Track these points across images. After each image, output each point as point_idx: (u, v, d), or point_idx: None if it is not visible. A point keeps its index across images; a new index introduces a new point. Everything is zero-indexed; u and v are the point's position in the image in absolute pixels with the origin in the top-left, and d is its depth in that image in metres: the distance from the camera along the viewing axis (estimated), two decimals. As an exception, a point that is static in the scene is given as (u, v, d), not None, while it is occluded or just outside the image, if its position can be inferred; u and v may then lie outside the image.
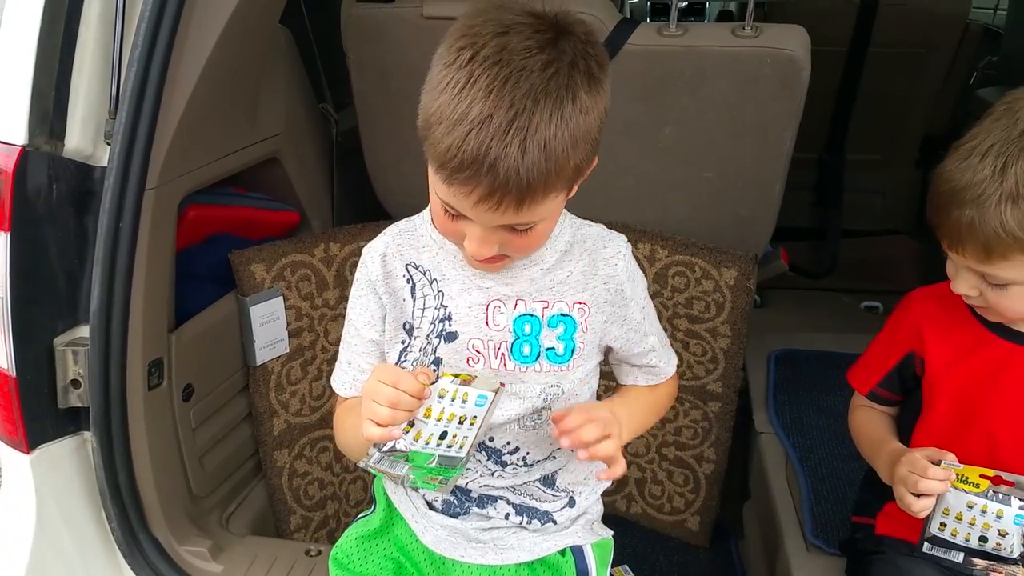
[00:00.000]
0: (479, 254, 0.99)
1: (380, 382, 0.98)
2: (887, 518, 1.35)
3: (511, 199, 0.90)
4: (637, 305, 1.15)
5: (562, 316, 1.10)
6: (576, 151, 0.92)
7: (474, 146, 0.87)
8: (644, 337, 1.17)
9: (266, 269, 1.72)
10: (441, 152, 0.90)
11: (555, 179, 0.92)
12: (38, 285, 1.34)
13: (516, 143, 0.87)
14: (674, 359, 1.24)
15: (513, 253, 1.04)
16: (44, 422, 1.38)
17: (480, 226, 0.97)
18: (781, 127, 1.74)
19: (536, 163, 0.88)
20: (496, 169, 0.88)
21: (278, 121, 1.77)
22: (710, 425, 1.98)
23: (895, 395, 1.38)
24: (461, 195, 0.92)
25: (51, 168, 1.31)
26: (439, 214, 1.01)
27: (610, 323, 1.13)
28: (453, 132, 0.88)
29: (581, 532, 1.21)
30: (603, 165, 1.83)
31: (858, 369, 1.41)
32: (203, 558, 1.51)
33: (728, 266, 1.87)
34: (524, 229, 0.98)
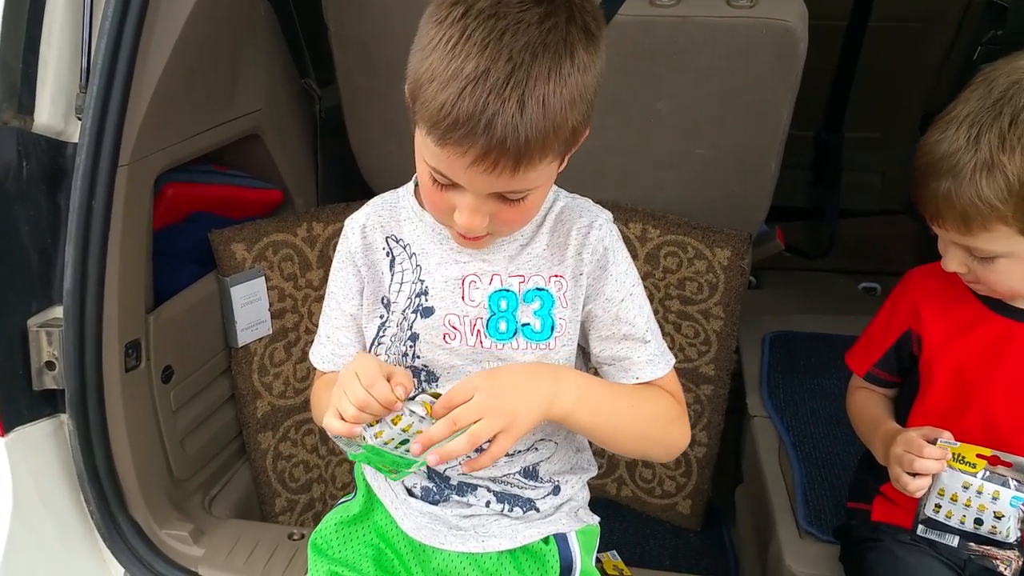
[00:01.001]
0: (470, 226, 0.95)
1: (356, 377, 0.95)
2: (884, 503, 1.32)
3: (508, 160, 0.86)
4: (616, 281, 1.07)
5: (538, 291, 1.06)
6: (574, 111, 0.89)
7: (470, 102, 0.84)
8: (616, 321, 1.07)
9: (247, 249, 1.68)
10: (434, 111, 0.86)
11: (553, 140, 0.88)
12: (9, 265, 1.31)
13: (514, 98, 0.84)
14: (662, 366, 1.09)
15: (501, 227, 0.99)
16: (19, 404, 1.35)
17: (472, 194, 0.93)
18: (777, 102, 1.70)
19: (535, 120, 0.85)
20: (493, 126, 0.84)
21: (258, 97, 1.72)
22: (702, 408, 1.95)
23: (893, 376, 1.35)
24: (455, 156, 0.88)
25: (20, 144, 1.28)
26: (427, 186, 0.97)
27: (587, 298, 1.08)
28: (447, 89, 0.85)
29: (565, 519, 1.18)
30: (592, 141, 1.79)
31: (856, 350, 1.39)
32: (184, 541, 1.49)
33: (721, 246, 1.83)
34: (516, 199, 0.94)
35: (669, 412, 1.10)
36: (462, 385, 0.96)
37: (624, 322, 1.08)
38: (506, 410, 0.95)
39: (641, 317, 1.09)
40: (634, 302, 1.08)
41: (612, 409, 1.05)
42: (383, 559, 1.20)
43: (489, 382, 0.96)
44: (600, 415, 1.04)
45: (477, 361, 1.07)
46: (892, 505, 1.30)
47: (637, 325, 1.08)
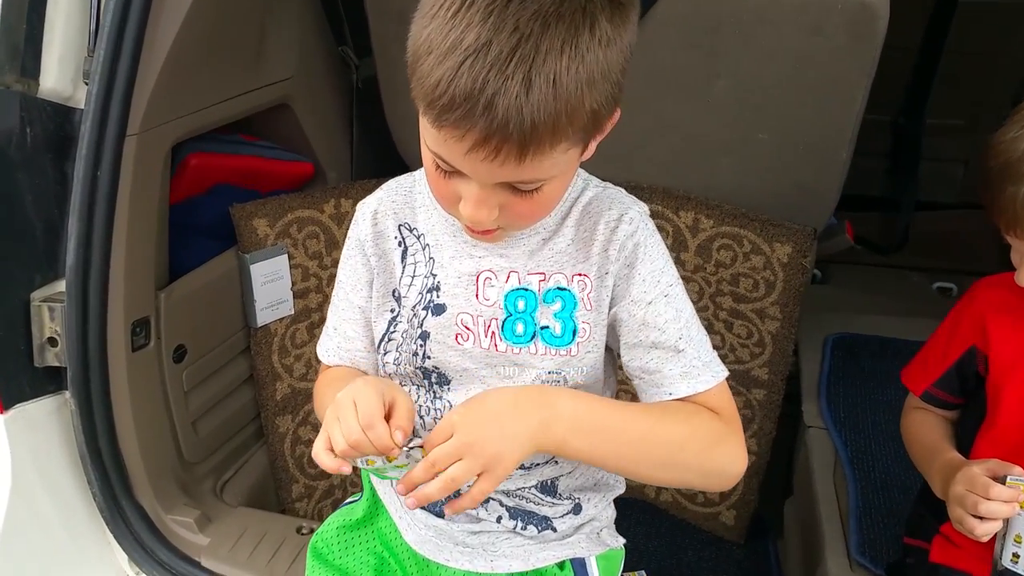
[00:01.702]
0: (476, 219, 0.84)
1: (354, 408, 0.85)
2: (944, 544, 1.18)
3: (512, 146, 0.75)
4: (643, 282, 0.94)
5: (559, 290, 0.95)
6: (593, 91, 0.76)
7: (468, 79, 0.72)
8: (643, 326, 0.94)
9: (269, 225, 1.60)
10: (429, 88, 0.75)
11: (566, 124, 0.76)
12: (12, 236, 1.25)
13: (519, 75, 0.72)
14: (704, 379, 0.94)
15: (513, 222, 0.88)
16: (20, 380, 1.30)
17: (477, 183, 0.82)
18: (851, 84, 1.54)
19: (543, 101, 0.73)
20: (494, 107, 0.72)
21: (288, 64, 1.63)
22: (752, 414, 1.81)
23: (954, 397, 1.22)
24: (452, 140, 0.77)
25: (24, 109, 1.22)
26: (431, 172, 0.87)
27: (613, 299, 0.95)
28: (444, 63, 0.74)
29: (585, 542, 1.07)
30: (643, 122, 1.70)
31: (913, 366, 1.25)
32: (190, 529, 1.43)
33: (782, 241, 1.69)
34: (529, 190, 0.83)
35: (708, 433, 0.93)
36: (441, 424, 0.86)
37: (652, 328, 0.94)
38: (486, 450, 0.83)
39: (675, 323, 0.94)
40: (668, 305, 0.94)
41: (619, 435, 0.90)
42: (385, 570, 1.12)
43: (467, 419, 0.85)
44: (603, 443, 0.90)
45: (491, 365, 0.97)
46: (954, 547, 1.16)
47: (668, 332, 0.94)
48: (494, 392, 0.90)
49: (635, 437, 0.91)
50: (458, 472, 0.83)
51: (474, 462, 0.83)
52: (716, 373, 0.95)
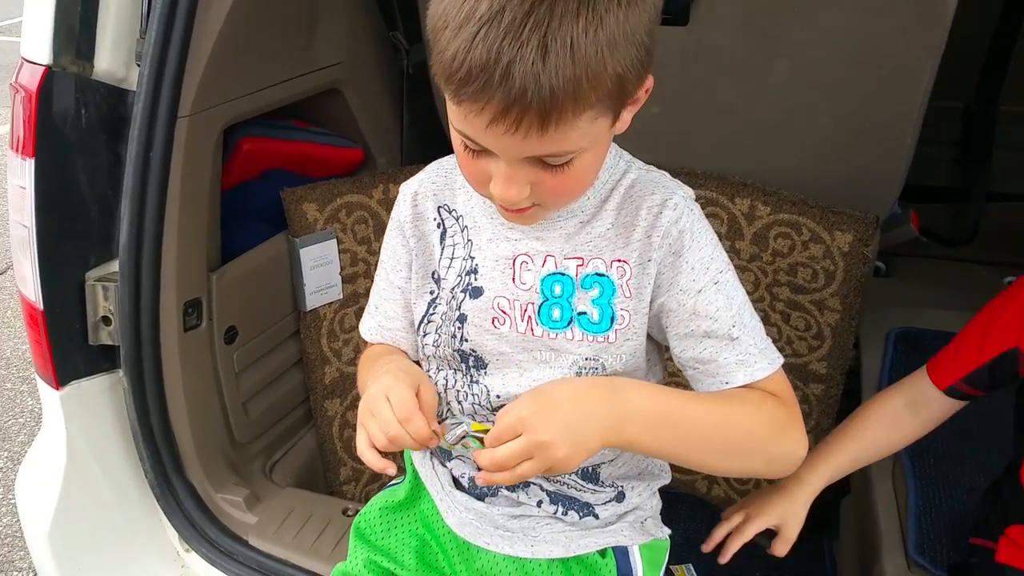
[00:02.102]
0: (507, 197, 0.82)
1: (387, 404, 0.86)
2: (1011, 544, 1.12)
3: (532, 116, 0.73)
4: (692, 270, 0.91)
5: (598, 276, 0.92)
6: (615, 55, 0.73)
7: (482, 49, 0.70)
8: (694, 316, 0.90)
9: (319, 209, 1.61)
10: (446, 62, 0.73)
11: (588, 90, 0.73)
12: (67, 216, 1.27)
13: (534, 41, 0.70)
14: (762, 367, 0.91)
15: (547, 199, 0.85)
16: (75, 358, 1.33)
17: (504, 160, 0.80)
18: (917, 66, 1.48)
19: (560, 67, 0.70)
20: (510, 76, 0.70)
21: (339, 49, 1.63)
22: (810, 409, 1.76)
23: (978, 391, 1.17)
24: (472, 115, 0.75)
25: (79, 91, 1.24)
26: (459, 152, 0.85)
27: (659, 288, 0.92)
28: (459, 35, 0.72)
29: (628, 531, 1.04)
30: (698, 104, 1.66)
31: (942, 360, 1.20)
32: (238, 507, 1.45)
33: (843, 229, 1.63)
34: (559, 164, 0.80)
35: (773, 420, 0.91)
36: (510, 419, 0.83)
37: (704, 317, 0.91)
38: (557, 454, 0.81)
39: (727, 310, 0.91)
40: (720, 292, 0.91)
41: (690, 429, 0.88)
42: (426, 552, 1.11)
43: (539, 418, 0.82)
44: (674, 438, 0.88)
45: (528, 350, 0.95)
46: (1020, 548, 1.10)
47: (720, 320, 0.91)
48: (565, 388, 0.86)
49: (706, 429, 0.89)
50: (524, 470, 0.82)
51: (542, 464, 0.82)
52: (772, 360, 0.92)
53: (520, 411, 0.83)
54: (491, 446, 0.83)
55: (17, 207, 1.25)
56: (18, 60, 1.25)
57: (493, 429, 0.83)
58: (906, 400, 1.24)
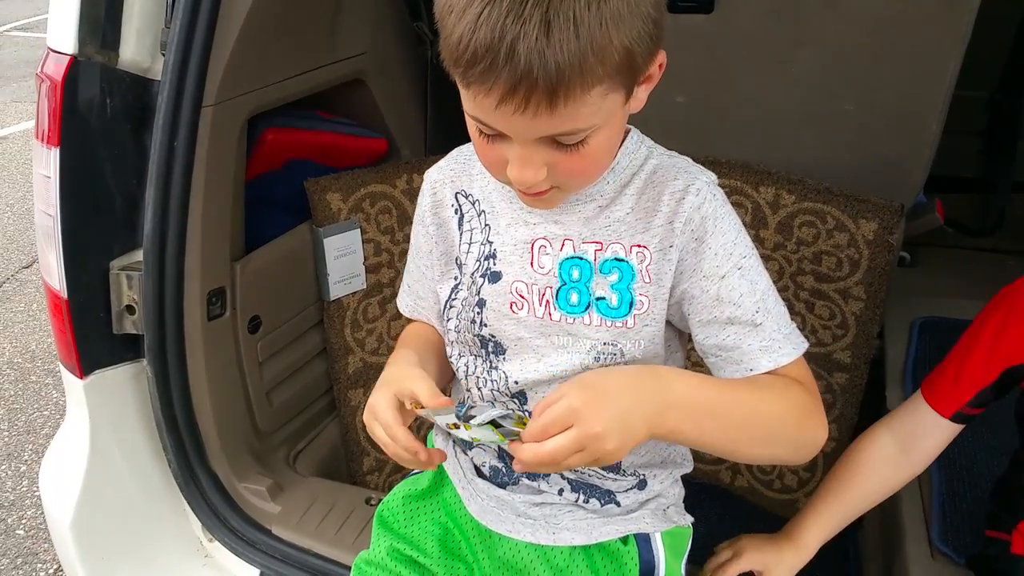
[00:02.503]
0: (524, 180, 0.82)
1: (377, 425, 0.90)
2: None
3: (540, 94, 0.73)
4: (715, 256, 0.90)
5: (617, 261, 0.91)
6: (620, 28, 0.73)
7: (486, 29, 0.71)
8: (718, 302, 0.90)
9: (343, 199, 1.61)
10: (452, 46, 0.74)
11: (594, 64, 0.73)
12: (92, 205, 1.28)
13: (536, 17, 0.70)
14: (787, 352, 0.90)
15: (565, 180, 0.85)
16: (99, 347, 1.34)
17: (518, 142, 0.80)
18: (943, 54, 1.47)
19: (564, 41, 0.70)
20: (515, 54, 0.70)
21: (363, 39, 1.64)
22: (833, 399, 1.74)
23: (981, 409, 1.14)
24: (481, 96, 0.75)
25: (104, 80, 1.24)
26: (475, 139, 0.85)
27: (681, 275, 0.91)
28: (463, 18, 0.72)
29: (650, 518, 1.04)
30: (721, 93, 1.65)
31: (941, 385, 1.15)
32: (262, 497, 1.45)
33: (867, 217, 1.61)
34: (573, 144, 0.80)
35: (800, 407, 0.90)
36: (560, 410, 0.80)
37: (728, 303, 0.90)
38: (606, 446, 0.80)
39: (751, 296, 0.90)
40: (743, 277, 0.90)
41: (727, 417, 0.88)
42: (449, 540, 1.11)
43: (591, 409, 0.80)
44: (713, 427, 0.87)
45: (546, 335, 0.95)
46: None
47: (744, 306, 0.89)
48: (613, 378, 0.84)
49: (741, 417, 0.89)
50: (573, 462, 0.80)
51: (591, 456, 0.80)
52: (797, 345, 0.92)
53: (571, 402, 0.80)
54: (538, 438, 0.80)
55: (42, 196, 1.26)
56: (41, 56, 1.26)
57: (540, 421, 0.80)
58: (896, 439, 1.20)
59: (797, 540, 1.24)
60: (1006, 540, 1.14)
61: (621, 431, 0.80)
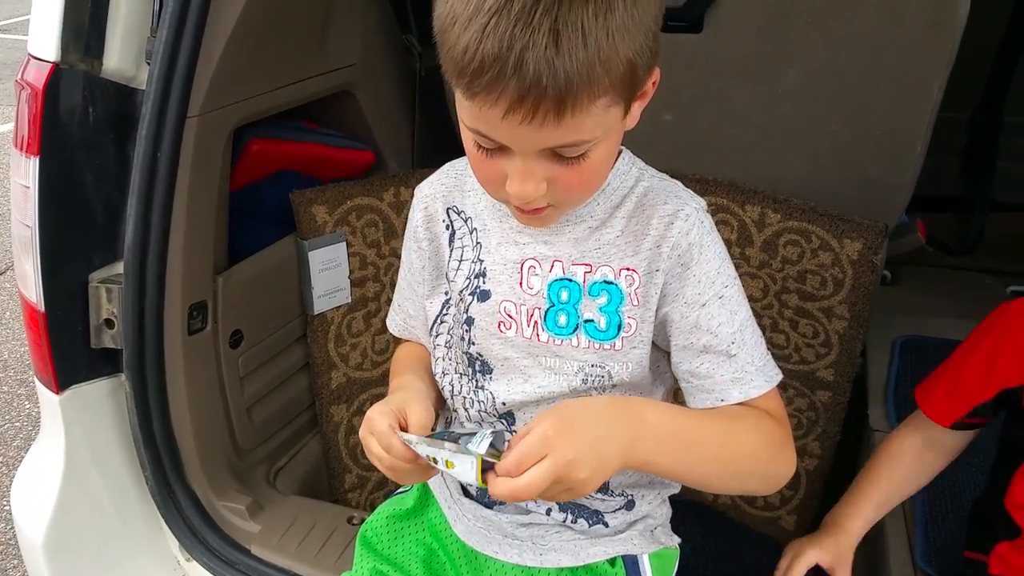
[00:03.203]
0: (525, 193, 0.81)
1: (373, 440, 0.88)
2: (1001, 560, 1.11)
3: (548, 104, 0.72)
4: (698, 283, 0.90)
5: (606, 284, 0.91)
6: (626, 40, 0.73)
7: (494, 39, 0.70)
8: (695, 329, 0.90)
9: (329, 212, 1.59)
10: (458, 56, 0.73)
11: (602, 76, 0.73)
12: (72, 216, 1.26)
13: (545, 27, 0.69)
14: (758, 384, 0.91)
15: (563, 196, 0.84)
16: (76, 361, 1.31)
17: (520, 155, 0.79)
18: (928, 75, 1.48)
19: (573, 51, 0.70)
20: (524, 64, 0.70)
21: (352, 51, 1.62)
22: (816, 416, 1.75)
23: (980, 420, 1.16)
24: (487, 107, 0.74)
25: (87, 89, 1.22)
26: (472, 154, 0.84)
27: (664, 298, 0.91)
28: (469, 28, 0.71)
29: (638, 539, 1.03)
30: (711, 112, 1.65)
31: (939, 395, 1.17)
32: (241, 515, 1.43)
33: (852, 237, 1.62)
34: (574, 157, 0.79)
35: (772, 441, 0.91)
36: (534, 441, 0.78)
37: (705, 331, 0.90)
38: (579, 475, 0.78)
39: (728, 325, 0.90)
40: (722, 307, 0.90)
41: (699, 450, 0.88)
42: (434, 561, 1.10)
43: (565, 440, 0.78)
44: (684, 459, 0.87)
45: (533, 355, 0.94)
46: (1008, 564, 1.09)
47: (720, 335, 0.90)
48: (586, 406, 0.83)
49: (714, 450, 0.88)
50: (548, 495, 0.79)
51: (564, 486, 0.78)
52: (770, 378, 0.92)
53: (544, 430, 0.78)
54: (512, 472, 0.77)
55: (20, 206, 1.24)
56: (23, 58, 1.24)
57: (514, 454, 0.78)
58: (923, 438, 1.24)
59: (843, 527, 1.29)
60: (983, 561, 1.15)
61: (593, 460, 0.79)
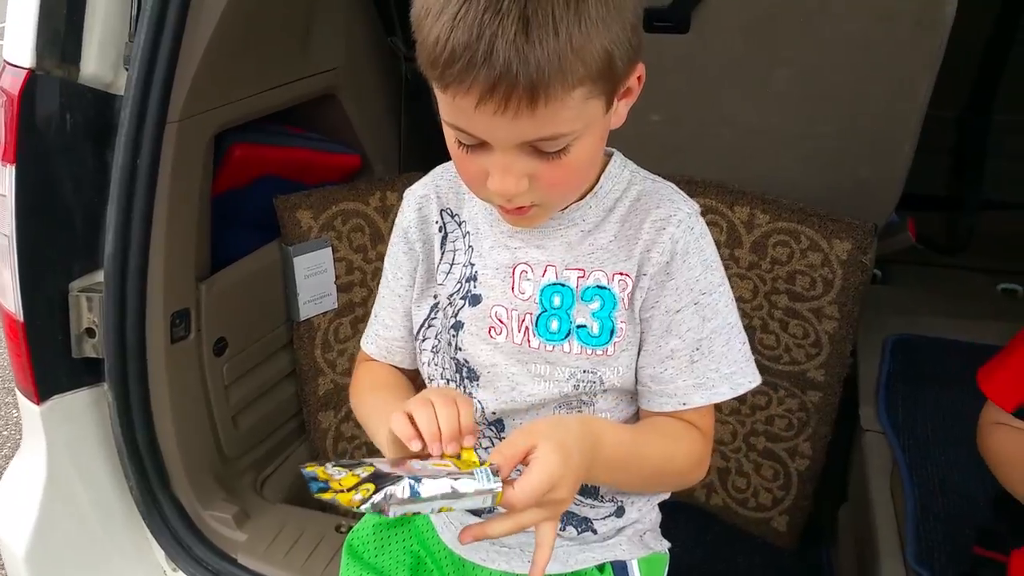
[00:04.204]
0: (505, 189, 0.79)
1: None
2: None
3: (520, 93, 0.71)
4: (677, 290, 0.89)
5: (599, 289, 0.90)
6: (601, 30, 0.72)
7: (463, 28, 0.69)
8: (666, 333, 0.89)
9: (314, 217, 1.58)
10: (430, 47, 0.72)
11: (576, 65, 0.72)
12: (50, 224, 1.24)
13: (514, 14, 0.69)
14: (722, 391, 0.91)
15: (546, 194, 0.83)
16: (57, 371, 1.29)
17: (499, 150, 0.77)
18: (916, 74, 1.48)
19: (544, 39, 0.69)
20: (494, 52, 0.69)
21: (336, 54, 1.61)
22: (807, 417, 1.74)
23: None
24: (460, 98, 0.73)
25: (64, 95, 1.20)
26: (454, 151, 0.83)
27: (644, 301, 0.90)
28: (440, 18, 0.71)
29: (627, 545, 1.02)
30: (699, 113, 1.64)
31: (999, 375, 1.15)
32: (227, 524, 1.42)
33: (841, 237, 1.62)
34: (554, 151, 0.78)
35: (695, 457, 0.93)
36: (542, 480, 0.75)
37: (674, 335, 0.90)
38: (565, 503, 0.78)
39: (696, 331, 0.89)
40: (696, 313, 0.89)
41: (638, 471, 0.91)
42: (421, 569, 1.09)
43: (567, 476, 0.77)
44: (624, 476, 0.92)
45: (523, 362, 0.92)
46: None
47: (686, 339, 0.89)
48: (572, 437, 0.80)
49: (648, 471, 0.92)
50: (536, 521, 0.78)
51: (551, 513, 0.78)
52: (736, 386, 0.91)
53: (552, 469, 0.76)
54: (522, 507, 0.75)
55: (-3, 215, 1.22)
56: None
57: (525, 493, 0.74)
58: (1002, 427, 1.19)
59: None
60: (1002, 561, 1.13)
61: (572, 486, 0.79)
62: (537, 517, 0.77)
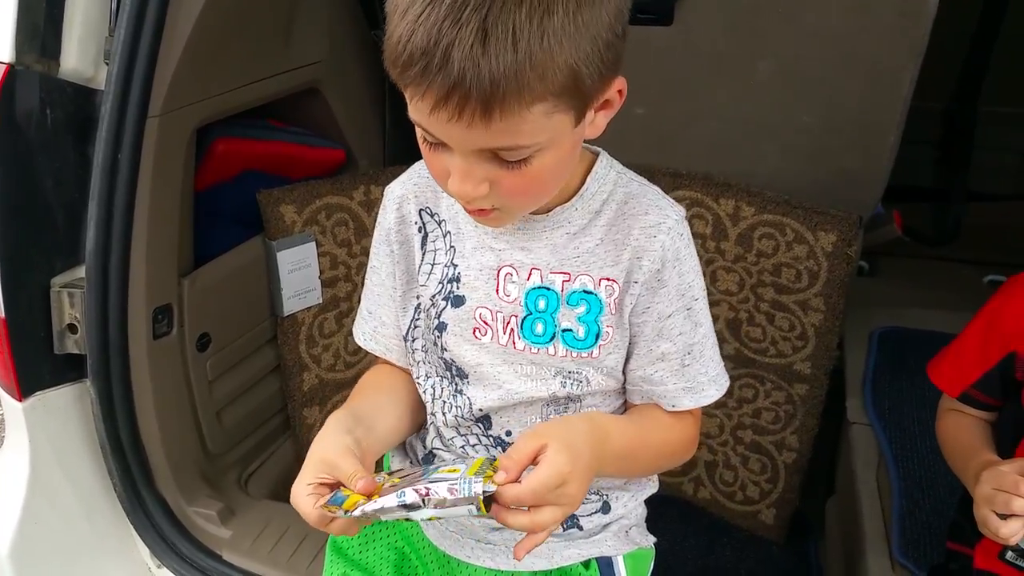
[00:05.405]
0: (463, 192, 0.79)
1: None
2: (987, 553, 1.11)
3: (474, 104, 0.70)
4: (668, 296, 0.90)
5: (585, 293, 0.90)
6: (565, 46, 0.70)
7: (422, 32, 0.68)
8: (658, 338, 0.91)
9: (297, 211, 1.57)
10: (392, 47, 0.72)
11: (535, 82, 0.70)
12: (31, 220, 1.23)
13: (473, 25, 0.67)
14: (710, 393, 0.94)
15: (506, 200, 0.82)
16: (39, 368, 1.28)
17: (458, 153, 0.77)
18: (899, 66, 1.48)
19: (500, 53, 0.68)
20: (449, 60, 0.68)
21: (318, 47, 1.60)
22: (794, 409, 1.74)
23: (994, 399, 1.14)
24: (417, 99, 0.73)
25: (44, 90, 1.19)
26: (421, 146, 0.82)
27: (635, 307, 0.91)
28: (404, 19, 0.70)
29: (612, 541, 1.02)
30: (683, 106, 1.64)
31: (945, 365, 1.17)
32: (212, 521, 1.41)
33: (826, 229, 1.62)
34: (515, 161, 0.77)
35: (688, 443, 0.99)
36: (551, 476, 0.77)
37: (665, 339, 0.91)
38: (577, 500, 0.81)
39: (689, 336, 0.91)
40: (687, 318, 0.91)
41: (637, 461, 0.96)
42: (406, 566, 1.08)
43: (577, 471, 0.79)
44: (624, 469, 0.96)
45: (509, 362, 0.92)
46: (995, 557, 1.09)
47: (678, 343, 0.91)
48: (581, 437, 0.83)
49: (647, 460, 0.97)
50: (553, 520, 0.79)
51: (564, 510, 0.80)
52: (721, 387, 0.96)
53: (561, 467, 0.77)
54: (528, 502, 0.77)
55: (-24, 212, 1.21)
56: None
57: (531, 487, 0.76)
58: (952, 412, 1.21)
59: None
60: (968, 554, 1.14)
61: (584, 484, 0.82)
62: (554, 515, 0.78)
